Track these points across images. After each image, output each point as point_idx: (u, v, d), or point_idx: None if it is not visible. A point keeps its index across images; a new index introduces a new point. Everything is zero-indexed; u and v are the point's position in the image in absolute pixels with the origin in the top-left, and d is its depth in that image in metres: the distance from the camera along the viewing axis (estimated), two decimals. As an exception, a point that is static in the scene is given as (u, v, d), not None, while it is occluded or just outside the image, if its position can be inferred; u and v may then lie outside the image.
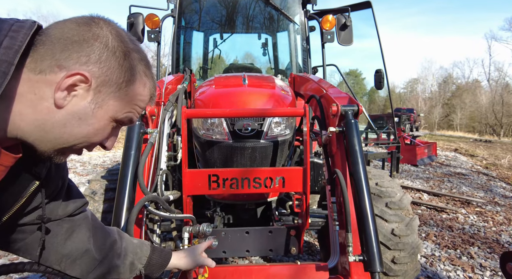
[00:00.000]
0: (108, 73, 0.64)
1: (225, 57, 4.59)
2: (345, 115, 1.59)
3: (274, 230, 1.70)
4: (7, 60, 0.52)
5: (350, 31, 3.40)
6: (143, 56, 0.71)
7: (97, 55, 0.62)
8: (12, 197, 0.71)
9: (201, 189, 1.59)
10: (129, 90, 0.68)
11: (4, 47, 0.53)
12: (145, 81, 0.72)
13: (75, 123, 0.63)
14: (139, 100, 0.71)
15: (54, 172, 0.80)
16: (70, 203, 0.90)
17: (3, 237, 0.81)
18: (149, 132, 1.52)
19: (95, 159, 8.40)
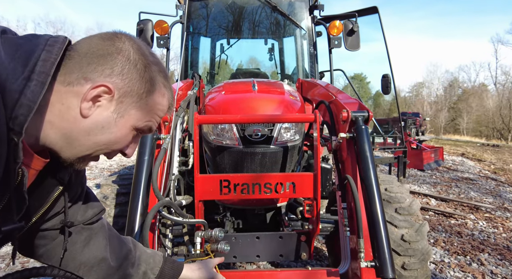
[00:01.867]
0: (130, 84, 0.68)
1: (230, 62, 4.64)
2: (355, 121, 1.60)
3: (284, 235, 1.70)
4: (44, 71, 0.57)
5: (357, 37, 3.42)
6: (162, 68, 0.75)
7: (119, 67, 0.67)
8: (38, 201, 0.74)
9: (212, 194, 1.61)
10: (149, 100, 0.71)
11: (42, 60, 0.58)
12: (164, 92, 0.75)
13: (98, 132, 0.67)
14: (159, 110, 0.75)
15: (74, 179, 0.84)
16: (89, 209, 0.93)
17: (28, 242, 0.84)
18: (162, 138, 1.55)
19: (102, 163, 8.47)
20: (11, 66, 0.55)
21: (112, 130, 0.68)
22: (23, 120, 0.55)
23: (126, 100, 0.68)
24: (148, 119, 0.73)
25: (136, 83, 0.68)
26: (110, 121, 0.67)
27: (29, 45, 0.59)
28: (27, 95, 0.55)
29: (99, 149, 0.69)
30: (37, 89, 0.56)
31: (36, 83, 0.56)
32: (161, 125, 1.62)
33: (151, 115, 0.73)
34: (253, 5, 3.52)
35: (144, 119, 0.72)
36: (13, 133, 0.55)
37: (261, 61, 5.06)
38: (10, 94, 0.54)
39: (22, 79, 0.56)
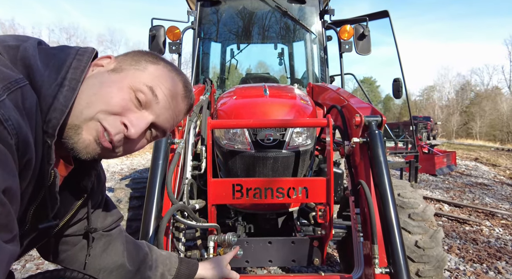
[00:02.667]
0: (135, 58, 0.73)
1: (239, 66, 4.67)
2: (368, 126, 1.59)
3: (297, 240, 1.69)
4: (75, 78, 0.62)
5: (368, 41, 3.42)
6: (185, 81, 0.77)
7: (135, 59, 0.72)
8: (64, 208, 0.77)
9: (225, 198, 1.61)
10: (149, 66, 0.71)
11: (73, 68, 0.62)
12: (174, 76, 0.74)
13: (97, 86, 0.66)
14: (162, 77, 0.71)
15: (96, 187, 0.87)
16: (108, 216, 0.96)
17: (51, 248, 0.87)
18: (176, 142, 1.57)
19: (113, 166, 8.59)
20: (46, 73, 0.60)
21: (109, 84, 0.66)
22: (56, 124, 0.58)
23: (126, 62, 0.71)
24: (148, 80, 0.69)
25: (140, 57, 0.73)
26: (106, 75, 0.68)
27: (61, 54, 0.64)
28: (60, 100, 0.59)
29: (99, 106, 0.64)
30: (68, 94, 0.60)
31: (68, 89, 0.60)
32: (175, 130, 1.64)
33: (152, 80, 0.69)
34: (263, 10, 3.55)
35: (144, 80, 0.68)
36: (47, 135, 0.58)
37: (270, 65, 5.09)
38: (44, 99, 0.58)
39: (55, 85, 0.60)
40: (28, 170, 0.55)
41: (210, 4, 3.43)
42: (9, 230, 0.50)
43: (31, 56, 0.59)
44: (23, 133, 0.52)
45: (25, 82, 0.55)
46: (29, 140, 0.53)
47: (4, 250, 0.48)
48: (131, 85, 0.67)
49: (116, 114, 0.65)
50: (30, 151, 0.54)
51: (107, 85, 0.66)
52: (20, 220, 0.60)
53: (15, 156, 0.50)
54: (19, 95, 0.53)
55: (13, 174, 0.50)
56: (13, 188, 0.50)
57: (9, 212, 0.50)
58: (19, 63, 0.58)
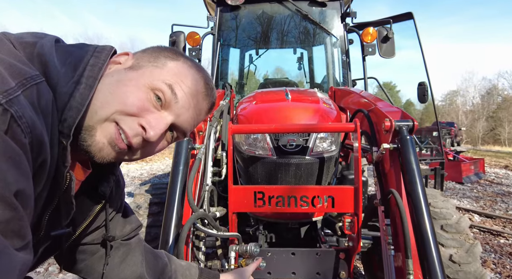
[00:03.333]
0: (149, 54, 0.69)
1: (256, 72, 4.65)
2: (399, 131, 1.50)
3: (322, 252, 1.60)
4: (92, 76, 0.59)
5: (392, 43, 3.31)
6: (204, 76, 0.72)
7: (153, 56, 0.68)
8: (81, 215, 0.74)
9: (246, 206, 1.55)
10: (169, 62, 0.67)
11: (90, 65, 0.60)
12: (195, 74, 0.69)
13: (114, 85, 0.62)
14: (182, 74, 0.67)
15: (115, 193, 0.83)
16: (127, 224, 0.92)
17: (68, 257, 0.83)
18: (197, 148, 1.53)
19: (133, 171, 8.73)
20: (62, 71, 0.57)
21: (126, 82, 0.62)
22: (72, 123, 0.55)
23: (144, 59, 0.67)
24: (167, 77, 0.64)
25: (155, 53, 0.69)
26: (123, 73, 0.64)
27: (79, 52, 0.61)
28: (76, 98, 0.56)
29: (115, 106, 0.60)
30: (85, 92, 0.57)
31: (85, 87, 0.57)
32: (196, 135, 1.60)
33: (172, 77, 0.65)
34: (282, 14, 3.51)
35: (162, 76, 0.64)
36: (62, 136, 0.55)
37: (287, 71, 5.04)
38: (60, 97, 0.55)
39: (72, 82, 0.57)
40: (42, 173, 0.52)
41: (230, 9, 3.42)
42: (21, 237, 0.46)
43: (48, 53, 0.56)
44: (38, 132, 0.48)
45: (41, 79, 0.52)
46: (44, 140, 0.49)
47: (16, 258, 0.44)
48: (149, 84, 0.63)
49: (134, 115, 0.61)
50: (45, 151, 0.50)
51: (123, 84, 0.62)
52: (35, 226, 0.57)
53: (29, 156, 0.47)
54: (34, 92, 0.49)
55: (26, 176, 0.46)
56: (26, 191, 0.46)
57: (22, 217, 0.45)
58: (35, 60, 0.55)
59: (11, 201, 0.43)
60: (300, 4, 3.26)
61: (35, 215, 0.55)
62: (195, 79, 0.68)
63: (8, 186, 0.43)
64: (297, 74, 4.66)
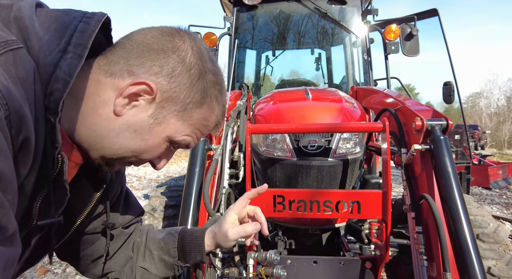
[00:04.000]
0: (176, 89, 0.58)
1: (273, 73, 4.57)
2: (431, 131, 1.38)
3: (347, 261, 1.49)
4: (81, 43, 0.51)
5: (416, 41, 3.17)
6: (219, 80, 0.65)
7: (170, 68, 0.57)
8: (82, 201, 0.69)
9: (265, 211, 1.45)
10: (195, 113, 0.62)
11: (78, 31, 0.51)
12: (215, 107, 0.65)
13: (129, 135, 0.58)
14: (203, 126, 0.65)
15: (115, 177, 0.78)
16: (129, 211, 0.87)
17: (66, 247, 0.77)
18: (213, 149, 1.46)
19: (150, 174, 8.81)
20: (45, 38, 0.49)
21: (145, 137, 0.59)
22: (59, 97, 0.48)
23: (168, 107, 0.59)
24: (188, 133, 0.64)
25: (185, 90, 0.59)
26: (145, 126, 0.58)
27: (65, 17, 0.53)
28: (63, 68, 0.48)
29: (127, 155, 0.61)
30: (74, 62, 0.49)
31: (72, 56, 0.49)
32: (212, 136, 1.53)
33: (193, 130, 0.64)
34: (300, 13, 3.43)
35: (184, 132, 0.63)
36: (49, 112, 0.48)
37: (304, 72, 4.94)
38: (44, 68, 0.48)
39: (57, 51, 0.49)
40: (27, 153, 0.45)
41: (247, 9, 3.37)
42: (2, 228, 0.39)
43: (27, 17, 0.49)
44: (16, 105, 0.41)
45: (18, 45, 0.45)
46: (24, 114, 0.42)
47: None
48: (169, 137, 0.62)
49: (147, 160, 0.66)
50: (27, 128, 0.43)
51: (146, 142, 0.61)
52: (24, 215, 0.50)
53: (6, 133, 0.40)
54: (10, 59, 0.42)
55: (4, 155, 0.39)
56: (5, 173, 0.39)
57: (2, 204, 0.39)
58: (12, 25, 0.48)
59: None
60: (319, 2, 3.17)
61: (24, 202, 0.49)
62: (215, 123, 0.68)
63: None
64: (314, 76, 4.57)
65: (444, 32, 3.33)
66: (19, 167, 0.44)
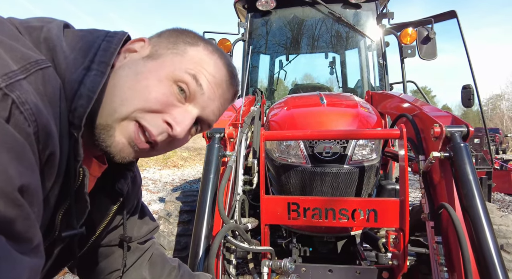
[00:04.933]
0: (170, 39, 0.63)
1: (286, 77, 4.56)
2: (451, 138, 1.34)
3: (363, 270, 1.46)
4: (104, 61, 0.53)
5: (434, 44, 3.10)
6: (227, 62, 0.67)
7: (170, 39, 0.63)
8: (100, 214, 0.70)
9: (279, 218, 1.46)
10: (190, 50, 0.62)
11: (102, 50, 0.54)
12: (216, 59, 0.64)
13: (133, 78, 0.57)
14: (204, 61, 0.62)
15: (131, 190, 0.78)
16: (144, 225, 0.88)
17: (83, 260, 0.78)
18: (228, 155, 1.46)
19: (165, 177, 8.93)
20: (71, 57, 0.52)
21: (146, 75, 0.57)
22: (82, 113, 0.50)
23: (162, 45, 0.61)
24: (190, 66, 0.59)
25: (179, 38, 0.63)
26: (141, 64, 0.58)
27: (90, 37, 0.56)
28: (87, 85, 0.50)
29: (136, 102, 0.55)
30: (97, 79, 0.51)
31: (96, 73, 0.52)
32: (227, 142, 1.54)
33: (193, 65, 0.60)
34: (314, 18, 3.42)
35: (183, 65, 0.59)
36: (73, 127, 0.50)
37: (317, 76, 4.90)
38: (69, 85, 0.50)
39: (82, 69, 0.51)
40: (52, 167, 0.46)
41: (261, 15, 3.39)
42: (28, 239, 0.41)
43: (56, 38, 0.51)
44: (44, 121, 0.42)
45: (47, 64, 0.47)
46: (51, 130, 0.44)
47: (22, 264, 0.38)
48: (171, 75, 0.58)
49: (157, 112, 0.57)
50: (53, 143, 0.45)
51: (143, 77, 0.57)
52: (48, 226, 0.52)
53: (34, 147, 0.41)
54: (39, 78, 0.44)
55: (31, 169, 0.41)
56: (32, 186, 0.41)
57: (28, 216, 0.40)
58: (42, 46, 0.50)
59: (15, 197, 0.38)
60: (333, 6, 3.15)
61: (48, 214, 0.50)
62: (218, 67, 0.63)
63: (11, 180, 0.37)
64: (327, 80, 4.53)
65: (463, 35, 3.24)
66: (45, 180, 0.46)
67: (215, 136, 1.50)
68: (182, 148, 12.40)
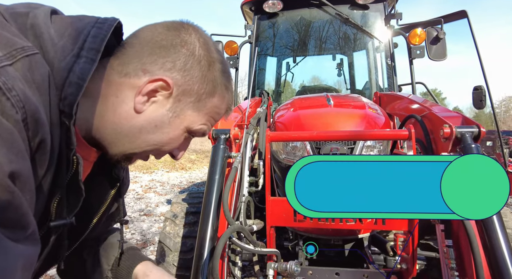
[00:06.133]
0: (190, 82, 0.61)
1: (293, 80, 4.54)
2: (462, 139, 1.30)
3: (370, 274, 1.43)
4: (94, 48, 0.52)
5: (443, 45, 3.05)
6: (225, 68, 0.68)
7: (182, 62, 0.60)
8: (97, 201, 0.71)
9: (285, 220, 1.44)
10: (208, 102, 0.65)
11: (91, 36, 0.53)
12: (225, 94, 0.68)
13: (151, 130, 0.61)
14: (216, 113, 0.68)
15: (125, 176, 0.81)
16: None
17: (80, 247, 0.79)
18: (233, 156, 1.46)
19: (173, 179, 8.98)
20: (60, 44, 0.51)
21: (165, 130, 0.62)
22: (73, 100, 0.49)
23: (184, 99, 0.62)
24: (204, 122, 0.67)
25: (197, 82, 0.62)
26: (165, 120, 0.61)
27: (79, 23, 0.55)
28: (76, 73, 0.50)
29: (148, 148, 0.64)
30: (86, 66, 0.51)
31: (85, 60, 0.51)
32: (232, 143, 1.53)
33: (207, 118, 0.67)
34: (321, 19, 3.40)
35: (200, 121, 0.67)
36: (64, 115, 0.50)
37: (324, 79, 4.88)
38: (58, 73, 0.49)
39: (71, 56, 0.51)
40: (43, 154, 0.46)
41: (268, 17, 3.39)
42: (22, 226, 0.40)
43: (43, 24, 0.51)
44: (32, 108, 0.42)
45: (34, 51, 0.46)
46: (40, 117, 0.43)
47: (15, 252, 0.38)
48: (187, 127, 0.65)
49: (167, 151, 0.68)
50: (43, 130, 0.44)
51: (167, 134, 0.64)
52: (43, 215, 0.52)
53: (23, 135, 0.41)
54: (26, 65, 0.44)
55: (21, 156, 0.40)
56: (23, 173, 0.40)
57: (21, 203, 0.39)
58: (29, 33, 0.49)
59: (6, 184, 0.37)
60: (340, 8, 3.13)
61: (42, 202, 0.50)
62: (225, 109, 0.70)
63: (0, 167, 0.37)
64: (335, 82, 4.50)
65: (474, 35, 3.18)
66: (36, 168, 0.45)
67: (220, 137, 1.49)
68: (189, 151, 12.46)
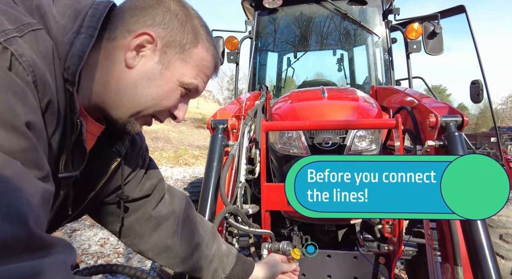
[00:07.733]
0: (172, 33, 0.67)
1: (294, 76, 4.59)
2: (446, 127, 1.38)
3: (360, 256, 1.52)
4: (92, 26, 0.60)
5: (440, 39, 3.08)
6: (204, 23, 0.74)
7: (160, 17, 0.67)
8: (98, 172, 0.77)
9: (279, 204, 1.52)
10: (193, 53, 0.70)
11: (89, 15, 0.61)
12: (208, 46, 0.73)
13: (145, 84, 0.67)
14: (204, 66, 0.72)
15: (131, 152, 0.85)
16: (147, 181, 0.92)
17: (95, 214, 0.88)
18: (230, 145, 1.54)
19: (177, 174, 9.10)
20: (62, 22, 0.59)
21: (159, 83, 0.67)
22: (75, 70, 0.57)
23: (170, 51, 0.68)
24: (194, 75, 0.71)
25: (178, 33, 0.68)
26: (156, 72, 0.67)
27: (78, 5, 0.63)
28: (77, 46, 0.58)
29: (148, 105, 0.68)
30: (86, 41, 0.59)
31: (85, 36, 0.59)
32: (230, 132, 1.62)
33: (197, 72, 0.71)
34: (321, 15, 3.46)
35: (190, 74, 0.70)
36: (68, 83, 0.57)
37: (325, 74, 4.92)
38: (61, 46, 0.57)
39: (72, 32, 0.59)
40: (52, 114, 0.53)
41: (268, 13, 3.45)
42: (39, 168, 0.47)
43: (46, 5, 0.59)
44: (40, 72, 0.49)
45: (39, 26, 0.54)
46: (47, 81, 0.51)
47: (36, 184, 0.44)
48: (179, 80, 0.69)
49: (168, 109, 0.73)
50: (50, 91, 0.51)
51: (159, 85, 0.67)
52: (53, 169, 0.58)
53: (35, 94, 0.48)
54: (33, 37, 0.51)
55: (35, 110, 0.47)
56: (37, 124, 0.47)
57: (37, 148, 0.46)
58: (35, 13, 0.57)
59: (24, 131, 0.43)
60: (339, 3, 3.18)
61: (52, 159, 0.57)
62: (213, 63, 0.74)
63: (19, 116, 0.43)
64: (337, 78, 4.54)
65: (472, 30, 3.22)
66: (47, 126, 0.52)
67: (218, 127, 1.57)
68: (193, 147, 12.56)
